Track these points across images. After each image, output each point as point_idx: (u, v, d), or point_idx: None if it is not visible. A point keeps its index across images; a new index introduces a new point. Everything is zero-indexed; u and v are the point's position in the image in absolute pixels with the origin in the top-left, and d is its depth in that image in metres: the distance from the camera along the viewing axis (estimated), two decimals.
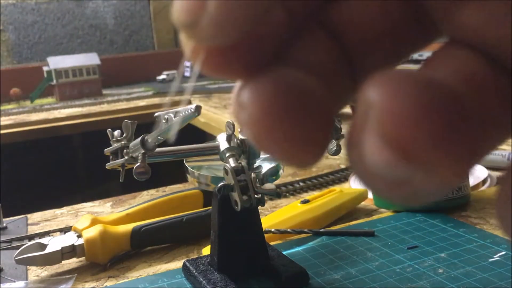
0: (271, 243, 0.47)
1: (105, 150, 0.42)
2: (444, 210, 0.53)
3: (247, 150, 0.39)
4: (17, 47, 2.23)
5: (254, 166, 0.39)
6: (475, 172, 0.66)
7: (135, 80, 2.20)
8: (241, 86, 0.12)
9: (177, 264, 0.49)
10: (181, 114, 0.35)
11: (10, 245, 0.56)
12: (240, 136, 0.39)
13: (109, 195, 0.75)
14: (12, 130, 1.55)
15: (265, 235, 0.45)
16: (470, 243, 0.46)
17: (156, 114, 0.37)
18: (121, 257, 0.51)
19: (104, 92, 1.99)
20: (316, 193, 0.60)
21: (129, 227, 0.52)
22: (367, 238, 0.49)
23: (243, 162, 0.37)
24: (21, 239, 0.57)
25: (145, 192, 0.73)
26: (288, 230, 0.50)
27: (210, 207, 0.49)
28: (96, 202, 0.71)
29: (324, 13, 0.13)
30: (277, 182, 0.54)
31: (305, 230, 0.50)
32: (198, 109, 0.34)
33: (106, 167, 0.43)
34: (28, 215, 0.67)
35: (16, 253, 0.47)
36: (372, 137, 0.11)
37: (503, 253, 0.43)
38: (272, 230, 0.50)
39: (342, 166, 0.78)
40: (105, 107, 1.72)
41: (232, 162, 0.37)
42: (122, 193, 0.74)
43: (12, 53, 2.22)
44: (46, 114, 1.68)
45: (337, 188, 0.60)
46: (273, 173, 0.41)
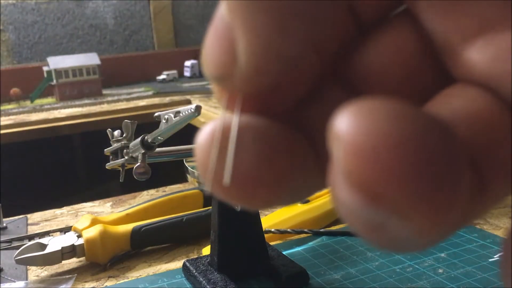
0: (271, 243, 0.47)
1: (105, 150, 0.42)
2: None
3: None
4: (17, 47, 2.23)
5: None
6: None
7: (135, 80, 2.20)
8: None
9: (177, 264, 0.49)
10: (181, 114, 0.35)
11: (10, 245, 0.56)
12: None
13: (109, 195, 0.75)
14: (12, 130, 1.55)
15: (265, 235, 0.45)
16: (470, 243, 0.46)
17: (156, 114, 0.37)
18: (121, 257, 0.51)
19: (104, 92, 1.99)
20: (316, 193, 0.60)
21: (129, 227, 0.52)
22: None
23: None
24: (21, 239, 0.57)
25: (145, 192, 0.73)
26: (288, 230, 0.50)
27: (210, 207, 0.49)
28: (96, 202, 0.71)
29: (341, 64, 0.13)
30: None
31: (305, 230, 0.50)
32: (198, 109, 0.34)
33: (106, 167, 0.43)
34: (28, 215, 0.67)
35: (16, 253, 0.47)
36: (339, 175, 0.09)
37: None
38: (272, 230, 0.50)
39: None
40: (105, 107, 1.72)
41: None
42: (122, 193, 0.73)
43: (12, 53, 2.22)
44: (46, 114, 1.68)
45: None
46: None
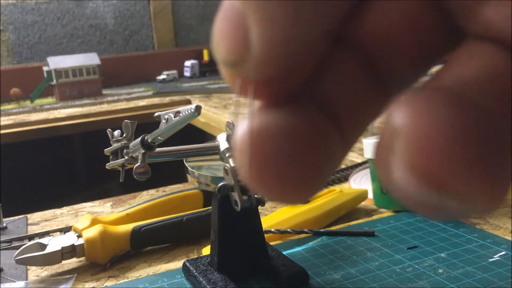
0: (271, 243, 0.47)
1: (105, 150, 0.42)
2: None
3: None
4: (17, 47, 2.23)
5: None
6: None
7: (135, 80, 2.20)
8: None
9: (177, 264, 0.49)
10: (181, 114, 0.35)
11: (10, 245, 0.56)
12: None
13: (109, 195, 0.75)
14: (12, 130, 1.55)
15: (265, 235, 0.45)
16: (470, 243, 0.46)
17: (156, 114, 0.37)
18: (121, 257, 0.51)
19: (104, 92, 1.99)
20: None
21: (129, 227, 0.51)
22: (367, 238, 0.49)
23: None
24: (21, 239, 0.57)
25: (145, 192, 0.73)
26: (288, 230, 0.50)
27: (210, 207, 0.49)
28: (96, 202, 0.71)
29: (347, 29, 0.13)
30: None
31: (305, 230, 0.50)
32: (198, 109, 0.34)
33: (106, 167, 0.43)
34: (28, 215, 0.67)
35: (16, 253, 0.47)
36: (399, 163, 0.10)
37: (503, 253, 0.43)
38: (272, 230, 0.50)
39: (342, 166, 0.78)
40: (105, 107, 1.72)
41: (232, 162, 0.37)
42: (122, 193, 0.74)
43: (12, 53, 2.22)
44: (46, 114, 1.68)
45: (337, 188, 0.60)
46: None
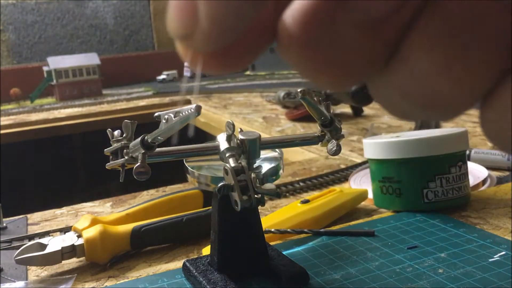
0: (271, 243, 0.47)
1: (105, 150, 0.42)
2: (444, 210, 0.53)
3: (247, 150, 0.39)
4: (17, 47, 2.23)
5: (254, 166, 0.39)
6: (475, 172, 0.66)
7: (135, 80, 2.20)
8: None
9: (177, 264, 0.49)
10: (181, 114, 0.35)
11: (10, 245, 0.56)
12: (240, 136, 0.39)
13: (109, 195, 0.75)
14: (12, 130, 1.55)
15: (265, 235, 0.45)
16: (470, 243, 0.46)
17: (156, 114, 0.37)
18: (121, 257, 0.51)
19: (104, 92, 1.99)
20: (316, 193, 0.60)
21: (129, 227, 0.51)
22: (367, 238, 0.49)
23: (243, 162, 0.37)
24: (21, 239, 0.57)
25: (145, 192, 0.73)
26: (288, 230, 0.50)
27: (210, 207, 0.49)
28: (96, 202, 0.71)
29: None
30: (277, 182, 0.54)
31: (305, 230, 0.50)
32: (198, 109, 0.34)
33: (106, 167, 0.43)
34: (28, 215, 0.67)
35: (16, 253, 0.47)
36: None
37: (503, 253, 0.43)
38: (272, 230, 0.50)
39: (342, 166, 0.78)
40: (105, 107, 1.72)
41: (232, 162, 0.37)
42: (122, 193, 0.74)
43: (12, 53, 2.22)
44: (46, 114, 1.68)
45: (337, 188, 0.60)
46: (273, 173, 0.41)
